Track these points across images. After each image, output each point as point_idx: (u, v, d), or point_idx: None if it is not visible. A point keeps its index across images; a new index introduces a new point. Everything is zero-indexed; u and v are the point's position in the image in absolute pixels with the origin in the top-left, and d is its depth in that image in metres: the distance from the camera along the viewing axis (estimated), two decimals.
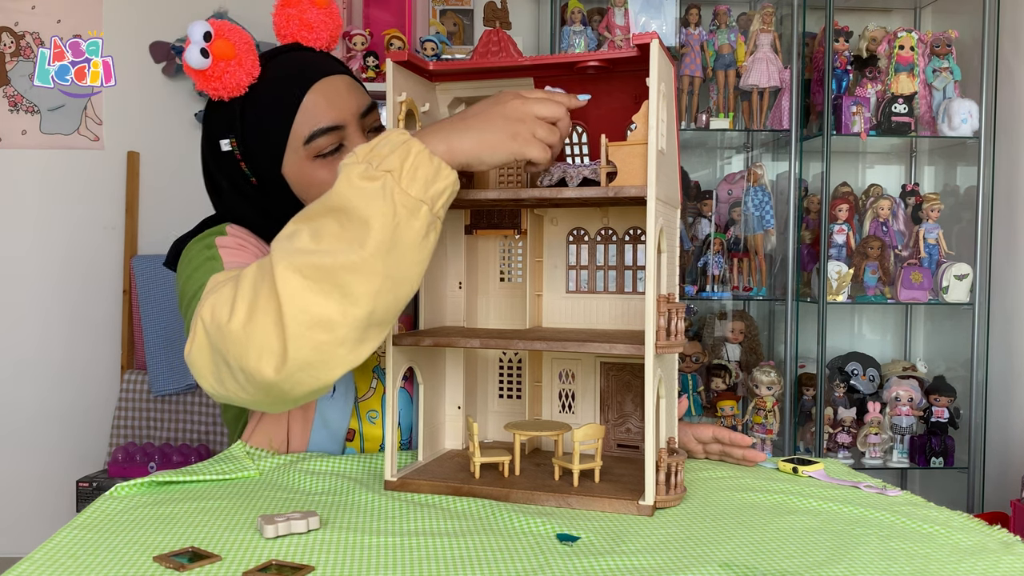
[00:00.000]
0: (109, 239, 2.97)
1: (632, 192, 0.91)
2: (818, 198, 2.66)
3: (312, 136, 1.09)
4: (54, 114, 2.95)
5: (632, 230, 1.11)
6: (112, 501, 0.94)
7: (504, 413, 1.18)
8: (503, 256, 1.16)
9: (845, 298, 2.64)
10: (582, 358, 1.13)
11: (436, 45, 2.66)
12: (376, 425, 1.18)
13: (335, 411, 1.16)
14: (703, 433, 1.15)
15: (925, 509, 0.96)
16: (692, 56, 2.66)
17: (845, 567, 0.76)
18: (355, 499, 0.96)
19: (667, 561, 0.77)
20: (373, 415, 1.19)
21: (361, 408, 1.18)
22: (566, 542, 0.82)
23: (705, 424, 1.16)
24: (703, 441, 1.16)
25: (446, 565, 0.76)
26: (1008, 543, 0.84)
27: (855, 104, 2.61)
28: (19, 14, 2.95)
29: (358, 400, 1.18)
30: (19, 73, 2.95)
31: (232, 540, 0.81)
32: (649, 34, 0.89)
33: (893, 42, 2.68)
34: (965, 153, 2.79)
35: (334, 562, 0.76)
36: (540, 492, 0.95)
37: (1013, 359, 2.67)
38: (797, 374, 2.72)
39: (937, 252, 2.66)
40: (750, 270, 2.75)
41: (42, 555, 0.76)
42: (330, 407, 1.15)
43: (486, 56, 1.06)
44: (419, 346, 1.01)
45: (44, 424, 2.95)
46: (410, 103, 1.00)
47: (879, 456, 2.65)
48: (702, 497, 0.99)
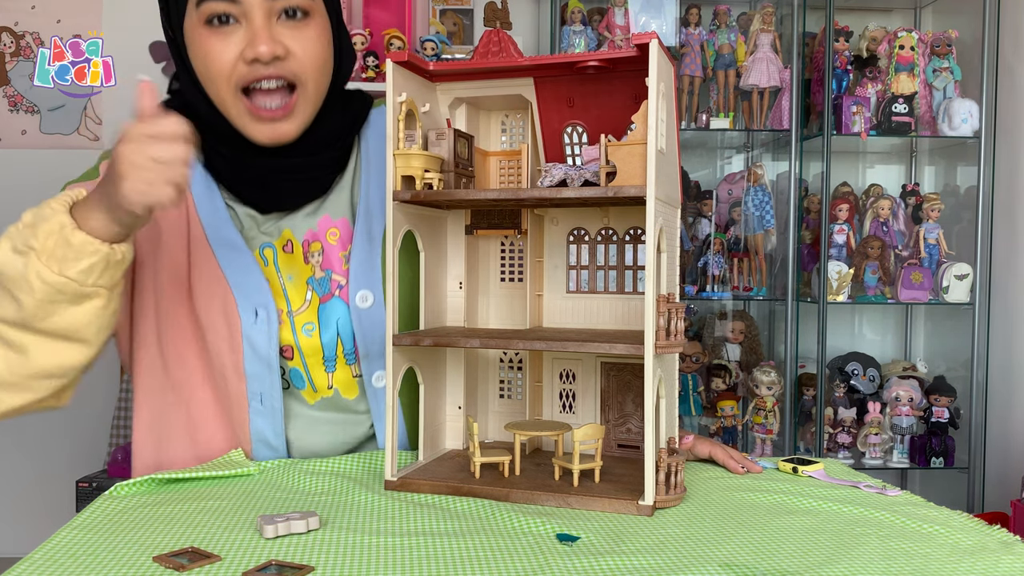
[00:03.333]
0: None
1: (632, 192, 0.91)
2: (818, 198, 2.66)
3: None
4: (54, 114, 2.95)
5: (632, 230, 1.11)
6: (112, 501, 0.94)
7: (504, 413, 1.18)
8: (504, 256, 1.16)
9: (845, 298, 2.64)
10: (582, 358, 1.13)
11: (436, 45, 2.66)
12: (313, 337, 1.14)
13: (260, 335, 1.10)
14: (701, 450, 1.15)
15: (925, 509, 0.96)
16: (692, 56, 2.66)
17: (845, 567, 0.76)
18: (355, 499, 0.96)
19: (667, 561, 0.77)
20: (309, 327, 1.14)
21: (297, 321, 1.14)
22: (566, 542, 0.82)
23: (703, 440, 1.16)
24: (700, 457, 1.16)
25: (446, 565, 0.76)
26: (1008, 543, 0.84)
27: (855, 104, 2.61)
28: (19, 14, 2.95)
29: (293, 313, 1.13)
30: (19, 73, 2.95)
31: (232, 540, 0.81)
32: (648, 34, 0.89)
33: (893, 42, 2.68)
34: (965, 153, 2.79)
35: (334, 562, 0.76)
36: (540, 492, 0.95)
37: (1013, 359, 2.67)
38: (797, 374, 2.72)
39: (937, 252, 2.66)
40: (750, 270, 2.75)
41: (42, 555, 0.76)
42: (255, 331, 1.10)
43: (486, 56, 1.06)
44: (419, 346, 1.01)
45: (44, 424, 2.95)
46: (410, 103, 1.00)
47: (879, 456, 2.65)
48: (702, 497, 0.99)
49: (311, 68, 1.06)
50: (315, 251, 1.15)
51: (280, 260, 1.15)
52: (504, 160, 1.15)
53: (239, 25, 1.03)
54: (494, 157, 1.15)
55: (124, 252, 0.95)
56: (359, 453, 1.13)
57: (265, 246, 1.15)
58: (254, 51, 1.01)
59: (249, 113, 1.06)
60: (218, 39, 1.04)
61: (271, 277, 1.14)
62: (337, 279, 1.15)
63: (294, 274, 1.15)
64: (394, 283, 0.99)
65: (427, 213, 1.08)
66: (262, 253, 1.15)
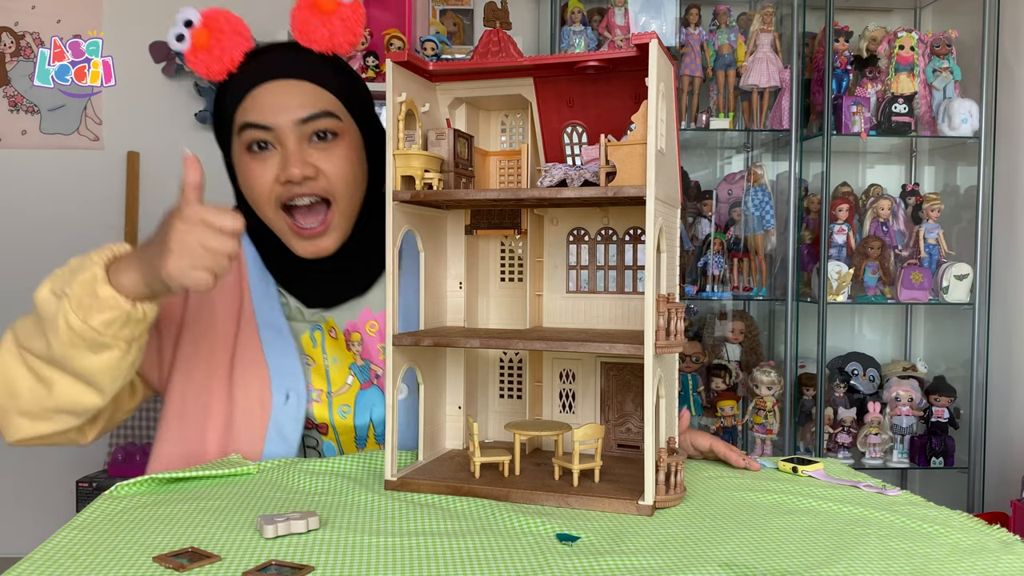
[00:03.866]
0: (109, 239, 2.96)
1: (631, 192, 0.91)
2: (818, 198, 2.66)
3: (242, 128, 1.13)
4: (54, 114, 2.95)
5: (632, 230, 1.11)
6: (112, 501, 0.94)
7: (504, 413, 1.18)
8: (504, 256, 1.16)
9: (845, 298, 2.64)
10: (582, 358, 1.13)
11: (436, 45, 2.66)
12: (347, 419, 1.22)
13: (288, 419, 1.16)
14: (701, 443, 1.17)
15: (924, 508, 0.96)
16: (692, 56, 2.66)
17: (844, 567, 0.76)
18: (355, 499, 0.96)
19: (667, 561, 0.77)
20: (346, 409, 1.22)
21: (335, 402, 1.21)
22: (566, 542, 0.82)
23: (704, 433, 1.17)
24: (701, 450, 1.17)
25: (446, 565, 0.76)
26: (1007, 542, 0.84)
27: (855, 104, 2.61)
28: (19, 14, 2.95)
29: (332, 394, 1.21)
30: (19, 73, 2.95)
31: (232, 540, 0.81)
32: (648, 34, 0.89)
33: (893, 42, 2.68)
34: (965, 153, 2.79)
35: (334, 562, 0.76)
36: (540, 492, 0.95)
37: (1013, 359, 2.67)
38: (797, 374, 2.72)
39: (937, 252, 2.66)
40: (750, 270, 2.75)
41: (42, 555, 0.76)
42: (283, 413, 1.16)
43: (486, 56, 1.06)
44: (419, 346, 1.01)
45: None
46: (410, 103, 1.00)
47: (879, 456, 2.65)
48: (702, 497, 0.99)
49: (341, 185, 1.14)
50: (355, 340, 1.22)
51: (327, 343, 1.22)
52: (504, 160, 1.15)
53: (275, 150, 1.12)
54: (494, 157, 1.15)
55: (146, 311, 1.00)
56: (359, 453, 1.14)
57: (315, 328, 1.22)
58: (287, 173, 1.10)
59: (291, 230, 1.14)
60: (257, 164, 1.13)
61: (317, 357, 1.22)
62: (375, 369, 1.22)
63: (338, 357, 1.22)
64: (395, 284, 1.00)
65: (427, 213, 1.09)
66: (312, 335, 1.22)
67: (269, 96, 1.12)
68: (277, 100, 1.12)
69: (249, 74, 1.14)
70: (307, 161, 1.11)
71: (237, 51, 1.13)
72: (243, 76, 1.14)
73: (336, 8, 1.13)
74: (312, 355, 1.22)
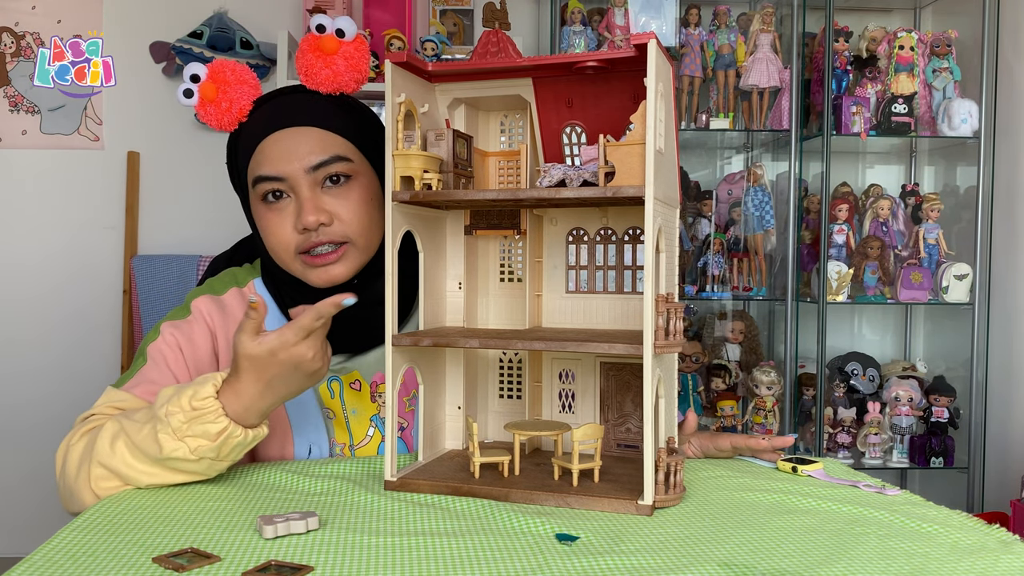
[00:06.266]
0: (109, 239, 2.96)
1: (630, 192, 0.91)
2: (818, 198, 2.66)
3: (256, 181, 1.14)
4: (54, 114, 2.95)
5: (631, 230, 1.11)
6: (112, 501, 0.94)
7: (504, 413, 1.18)
8: (503, 256, 1.16)
9: (845, 298, 2.63)
10: (582, 358, 1.13)
11: (436, 45, 2.66)
12: None
13: None
14: (722, 444, 1.17)
15: (924, 508, 0.96)
16: (692, 56, 2.66)
17: (844, 566, 0.76)
18: (355, 499, 0.96)
19: (666, 561, 0.77)
20: None
21: (357, 454, 1.21)
22: (565, 542, 0.82)
23: (720, 434, 1.18)
24: (723, 450, 1.18)
25: (446, 565, 0.76)
26: (1007, 542, 0.84)
27: (855, 104, 2.61)
28: (19, 14, 2.95)
29: (355, 447, 1.21)
30: (19, 73, 2.95)
31: (231, 540, 0.81)
32: (647, 34, 0.89)
33: (893, 42, 2.68)
34: (965, 153, 2.79)
35: (333, 562, 0.76)
36: (540, 492, 0.95)
37: (1013, 359, 2.67)
38: (797, 374, 2.72)
39: (937, 252, 2.66)
40: (750, 270, 2.75)
41: (41, 556, 0.76)
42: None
43: (485, 57, 1.06)
44: (419, 346, 1.01)
45: (44, 424, 2.95)
46: (409, 104, 1.01)
47: (879, 456, 2.65)
48: (701, 497, 0.99)
49: (357, 227, 1.14)
50: (382, 392, 1.21)
51: (346, 394, 1.22)
52: (503, 160, 1.15)
53: (290, 199, 1.13)
54: (493, 157, 1.15)
55: (256, 435, 1.01)
56: (359, 456, 1.14)
57: (333, 379, 1.21)
58: (303, 222, 1.11)
59: (305, 264, 1.15)
60: (274, 214, 1.14)
61: (336, 409, 1.21)
62: (400, 421, 1.22)
63: (358, 409, 1.22)
64: (393, 284, 1.00)
65: (426, 213, 1.09)
66: (329, 385, 1.21)
67: (278, 146, 1.12)
68: (286, 149, 1.11)
69: (257, 125, 1.14)
70: (321, 208, 1.11)
71: (245, 100, 1.13)
72: (252, 127, 1.14)
73: (339, 48, 1.11)
74: (332, 407, 1.21)
